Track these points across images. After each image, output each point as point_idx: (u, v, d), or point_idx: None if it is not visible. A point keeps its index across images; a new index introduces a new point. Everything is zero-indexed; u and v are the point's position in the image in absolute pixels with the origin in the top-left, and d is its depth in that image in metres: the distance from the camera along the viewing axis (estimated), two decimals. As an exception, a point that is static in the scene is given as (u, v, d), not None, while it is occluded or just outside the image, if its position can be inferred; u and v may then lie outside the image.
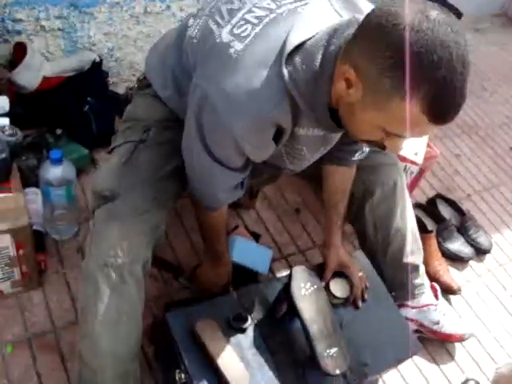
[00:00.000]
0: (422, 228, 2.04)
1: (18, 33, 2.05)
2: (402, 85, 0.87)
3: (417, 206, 2.20)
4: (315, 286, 1.32)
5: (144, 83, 1.43)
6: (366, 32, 0.92)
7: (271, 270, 1.81)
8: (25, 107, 1.96)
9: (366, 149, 1.45)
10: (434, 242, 2.00)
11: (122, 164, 1.29)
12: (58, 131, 1.96)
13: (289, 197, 2.14)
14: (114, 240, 1.19)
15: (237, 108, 1.03)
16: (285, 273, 1.83)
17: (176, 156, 1.30)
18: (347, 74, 0.95)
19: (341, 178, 1.50)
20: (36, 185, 1.73)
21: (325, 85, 1.02)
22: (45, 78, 2.02)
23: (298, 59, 1.02)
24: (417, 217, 2.07)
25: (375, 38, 0.89)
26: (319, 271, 1.46)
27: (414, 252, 1.62)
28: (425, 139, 2.01)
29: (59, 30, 2.11)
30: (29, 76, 1.98)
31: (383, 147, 1.04)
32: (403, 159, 1.91)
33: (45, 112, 2.01)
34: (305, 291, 1.30)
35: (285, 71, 1.01)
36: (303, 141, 1.21)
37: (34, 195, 1.73)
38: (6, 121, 1.60)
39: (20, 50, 2.03)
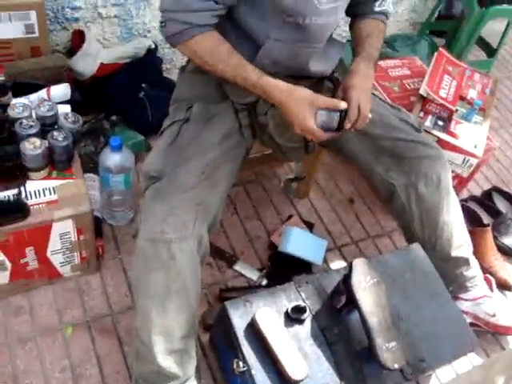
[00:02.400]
0: (478, 221, 2.00)
1: (76, 20, 2.09)
2: None
3: (472, 198, 2.15)
4: (375, 280, 1.31)
5: (185, 64, 1.49)
6: None
7: (325, 261, 1.80)
8: (82, 94, 1.98)
9: None
10: (489, 236, 1.94)
11: (168, 144, 1.33)
12: (114, 118, 2.00)
13: (342, 187, 2.12)
14: (160, 216, 1.20)
15: None
16: (338, 263, 1.83)
17: (221, 128, 1.32)
18: None
19: (365, 25, 1.49)
20: (93, 171, 1.77)
21: None
22: (101, 65, 2.04)
23: None
24: (472, 210, 2.04)
25: None
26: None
27: (462, 245, 1.59)
28: (485, 131, 1.96)
29: (115, 17, 2.14)
30: (86, 63, 2.01)
31: None
32: (462, 151, 1.87)
33: (101, 99, 2.04)
34: (365, 284, 1.29)
35: None
36: None
37: (92, 181, 1.76)
38: (68, 108, 1.62)
39: (78, 37, 2.07)
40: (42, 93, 1.68)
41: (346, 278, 1.31)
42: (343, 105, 1.27)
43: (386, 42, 2.65)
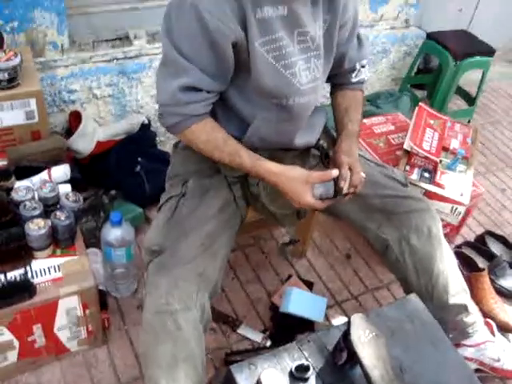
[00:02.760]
0: (473, 266, 2.04)
1: (73, 102, 2.21)
2: None
3: (466, 244, 2.19)
4: (374, 333, 1.34)
5: (178, 140, 1.57)
6: None
7: (326, 317, 1.83)
8: (81, 171, 2.07)
9: (361, 68, 1.57)
10: (486, 280, 1.97)
11: (167, 219, 1.39)
12: (113, 192, 2.07)
13: (339, 243, 2.18)
14: (164, 289, 1.25)
15: None
16: (339, 319, 1.86)
17: (217, 200, 1.40)
18: None
19: (343, 98, 1.58)
20: (95, 245, 1.83)
21: None
22: (98, 143, 2.14)
23: None
24: (467, 255, 2.09)
25: None
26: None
27: (459, 292, 1.61)
28: (469, 178, 2.03)
29: (109, 96, 2.26)
30: (84, 142, 2.10)
31: None
32: (449, 201, 1.93)
33: (99, 175, 2.13)
34: (364, 338, 1.32)
35: None
36: (274, 25, 1.26)
37: (94, 255, 1.82)
38: (68, 187, 1.70)
39: (75, 118, 2.18)
40: (44, 174, 1.76)
41: (346, 334, 1.34)
42: (334, 172, 1.35)
43: (368, 100, 2.77)
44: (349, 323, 1.34)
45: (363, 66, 1.58)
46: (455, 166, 2.05)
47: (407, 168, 2.03)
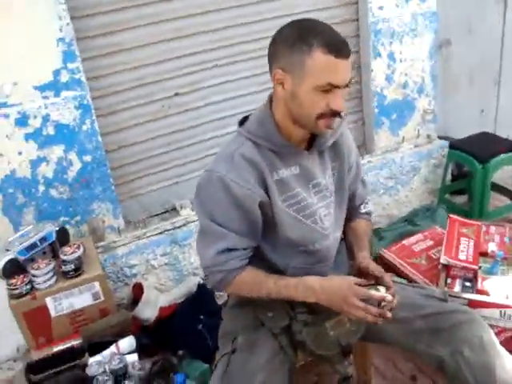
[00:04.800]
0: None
1: (134, 275, 2.46)
2: (303, 48, 1.29)
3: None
4: None
5: (226, 300, 1.73)
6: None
7: None
8: (149, 336, 2.25)
9: (368, 197, 1.74)
10: None
11: (221, 376, 1.48)
12: (180, 353, 2.22)
13: (402, 366, 2.17)
14: None
15: (217, 158, 1.45)
16: None
17: (265, 352, 1.49)
18: (277, 75, 1.34)
19: (358, 228, 1.70)
20: (168, 407, 1.94)
21: (267, 110, 1.43)
22: (161, 308, 2.34)
23: (251, 117, 1.47)
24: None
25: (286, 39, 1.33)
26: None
27: None
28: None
29: (166, 264, 2.50)
30: (149, 310, 2.31)
31: (335, 113, 1.35)
32: (496, 305, 1.94)
33: (166, 337, 2.29)
34: None
35: (240, 128, 1.46)
36: (291, 183, 1.45)
37: (168, 417, 1.92)
38: (135, 357, 1.87)
39: (138, 289, 2.40)
40: (113, 348, 1.95)
41: None
42: (388, 298, 1.40)
43: (406, 220, 2.88)
44: None
45: (367, 202, 1.75)
46: (496, 269, 2.08)
47: (448, 281, 2.08)
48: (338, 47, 1.28)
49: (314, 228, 1.51)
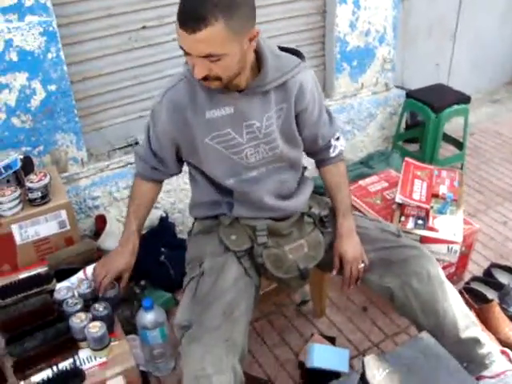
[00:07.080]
0: (483, 299, 2.16)
1: (97, 207, 2.47)
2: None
3: (474, 279, 2.31)
4: (387, 370, 1.47)
5: (191, 228, 1.85)
6: None
7: (351, 367, 1.96)
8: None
9: (336, 142, 1.79)
10: (497, 310, 2.04)
11: (191, 298, 1.59)
12: (142, 282, 2.29)
13: (354, 298, 2.34)
14: (197, 356, 1.42)
15: (161, 90, 1.59)
16: (364, 367, 1.99)
17: (230, 274, 1.59)
18: None
19: (331, 175, 1.82)
20: (133, 332, 2.01)
21: None
22: (124, 240, 2.37)
23: None
24: (476, 290, 2.21)
25: None
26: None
27: (468, 326, 1.68)
28: (460, 218, 2.20)
29: (128, 197, 2.50)
30: (111, 241, 2.33)
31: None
32: (444, 241, 2.10)
33: (129, 268, 2.34)
34: (378, 376, 1.45)
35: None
36: (222, 123, 1.54)
37: (133, 341, 2.00)
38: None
39: (101, 221, 2.43)
40: (80, 274, 1.98)
41: (362, 376, 1.47)
42: None
43: (362, 162, 3.00)
44: (363, 365, 1.48)
45: (338, 139, 1.79)
46: (445, 209, 2.23)
47: (402, 219, 2.22)
48: (181, 18, 1.31)
49: (238, 162, 1.61)
